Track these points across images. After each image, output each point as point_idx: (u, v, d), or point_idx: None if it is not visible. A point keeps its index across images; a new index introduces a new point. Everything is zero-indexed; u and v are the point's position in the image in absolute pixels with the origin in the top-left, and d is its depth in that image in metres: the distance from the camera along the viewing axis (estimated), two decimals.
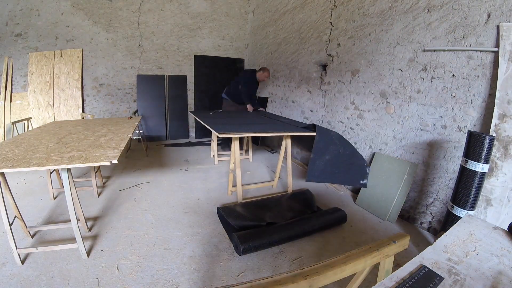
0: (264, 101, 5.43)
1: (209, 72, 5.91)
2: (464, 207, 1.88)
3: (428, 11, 2.33)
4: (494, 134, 1.88)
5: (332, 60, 3.54)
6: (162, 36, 5.42)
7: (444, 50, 2.22)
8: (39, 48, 4.58)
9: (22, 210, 2.07)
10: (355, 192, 3.15)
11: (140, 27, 5.22)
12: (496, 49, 1.88)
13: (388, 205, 2.53)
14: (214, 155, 4.18)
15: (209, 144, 5.04)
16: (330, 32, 3.56)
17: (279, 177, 3.36)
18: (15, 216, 1.91)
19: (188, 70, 5.78)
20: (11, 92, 4.43)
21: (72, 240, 1.87)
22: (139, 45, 5.28)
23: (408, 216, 2.59)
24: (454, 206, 1.92)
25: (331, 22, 3.55)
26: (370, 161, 2.96)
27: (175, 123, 5.71)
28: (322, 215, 2.37)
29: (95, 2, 4.81)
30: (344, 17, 3.30)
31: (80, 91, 4.84)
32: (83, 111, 4.91)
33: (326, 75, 3.69)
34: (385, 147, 2.82)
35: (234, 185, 2.93)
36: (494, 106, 1.90)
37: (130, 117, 3.58)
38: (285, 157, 3.14)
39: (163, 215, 2.49)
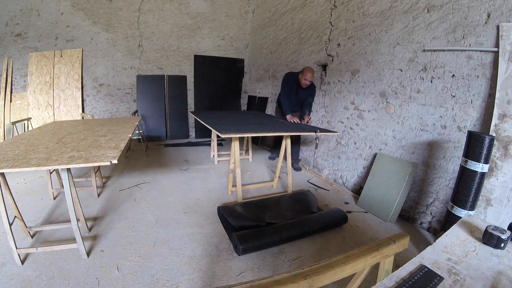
0: (264, 101, 5.43)
1: (209, 72, 5.91)
2: (464, 207, 1.88)
3: (428, 11, 2.33)
4: (494, 134, 1.88)
5: (332, 60, 3.54)
6: (162, 36, 5.42)
7: (444, 50, 2.22)
8: (39, 48, 4.58)
9: (22, 210, 2.07)
10: (357, 193, 3.15)
11: (140, 27, 5.22)
12: (496, 49, 1.88)
13: (390, 206, 2.52)
14: (214, 155, 4.18)
15: (209, 144, 5.04)
16: (330, 32, 3.56)
17: (279, 177, 3.36)
18: (15, 216, 1.91)
19: (188, 70, 5.78)
20: (11, 92, 4.43)
21: (72, 240, 1.87)
22: (139, 45, 5.28)
23: (408, 216, 2.59)
24: (454, 206, 1.92)
25: (331, 22, 3.55)
26: (372, 162, 2.96)
27: (175, 123, 5.71)
28: (323, 216, 2.37)
29: (95, 2, 4.81)
30: (344, 17, 3.30)
31: (80, 91, 4.84)
32: (83, 111, 4.91)
33: (326, 75, 3.69)
34: (385, 147, 2.82)
35: (234, 185, 2.93)
36: (494, 106, 1.90)
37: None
38: (285, 157, 3.14)
39: (163, 215, 2.49)
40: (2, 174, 1.69)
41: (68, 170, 1.74)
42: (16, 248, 1.71)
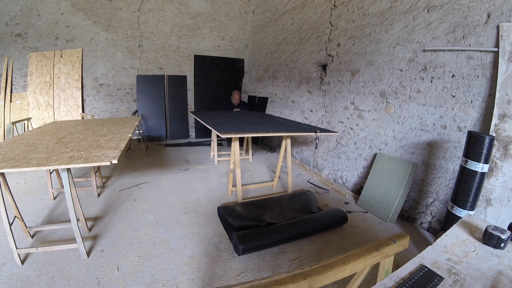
0: (264, 101, 5.43)
1: (209, 72, 5.91)
2: (464, 207, 1.88)
3: (428, 11, 2.33)
4: (494, 134, 1.88)
5: (332, 60, 3.54)
6: (162, 36, 5.42)
7: (444, 50, 2.22)
8: (39, 48, 4.58)
9: (22, 210, 2.07)
10: (357, 193, 3.15)
11: (140, 27, 5.22)
12: (496, 49, 1.88)
13: (390, 206, 2.52)
14: (214, 155, 4.18)
15: (209, 144, 5.04)
16: (330, 32, 3.56)
17: (279, 177, 3.36)
18: (15, 216, 1.91)
19: (188, 70, 5.78)
20: (11, 92, 4.43)
21: (72, 240, 1.87)
22: (139, 45, 5.28)
23: (408, 216, 2.59)
24: (454, 206, 1.92)
25: (331, 22, 3.55)
26: (372, 162, 2.96)
27: (175, 123, 5.71)
28: (323, 216, 2.37)
29: (95, 2, 4.81)
30: (344, 17, 3.30)
31: (80, 91, 4.84)
32: (83, 111, 4.91)
33: (326, 75, 3.69)
34: (385, 147, 2.82)
35: (234, 185, 2.93)
36: (494, 106, 1.90)
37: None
38: (285, 157, 3.14)
39: (163, 215, 2.49)
40: (2, 174, 1.69)
41: (68, 170, 1.74)
42: (16, 248, 1.71)
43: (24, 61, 4.52)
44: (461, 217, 1.43)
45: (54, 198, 2.70)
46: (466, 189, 1.85)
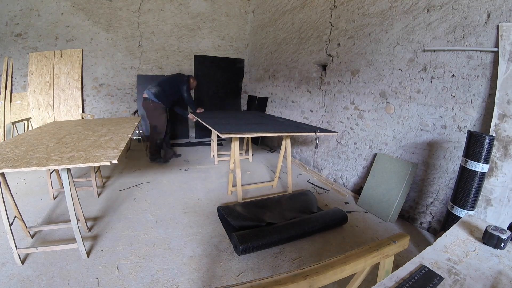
0: (264, 101, 5.43)
1: (209, 72, 5.91)
2: (464, 207, 1.88)
3: (428, 11, 2.33)
4: (494, 134, 1.88)
5: (332, 60, 3.54)
6: (162, 36, 5.42)
7: (444, 50, 2.22)
8: (39, 48, 4.58)
9: (22, 210, 2.07)
10: (357, 193, 3.15)
11: (140, 27, 5.22)
12: (496, 49, 1.88)
13: (390, 206, 2.52)
14: (214, 155, 4.18)
15: (209, 144, 5.04)
16: (330, 32, 3.56)
17: (279, 177, 3.36)
18: (15, 216, 1.91)
19: (188, 70, 5.78)
20: (11, 92, 4.43)
21: (72, 240, 1.87)
22: (139, 45, 5.28)
23: (408, 216, 2.59)
24: (454, 206, 1.92)
25: (331, 22, 3.55)
26: (372, 162, 2.96)
27: (175, 123, 5.70)
28: (323, 216, 2.37)
29: (95, 2, 4.81)
30: (344, 17, 3.30)
31: (80, 91, 4.84)
32: (83, 111, 4.91)
33: (326, 75, 3.69)
34: (385, 147, 2.82)
35: (234, 185, 2.93)
36: (494, 106, 1.90)
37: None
38: (285, 157, 3.14)
39: (163, 215, 2.49)
40: (2, 174, 1.69)
41: (68, 170, 1.74)
42: (16, 248, 1.71)
43: (24, 61, 4.52)
44: (461, 217, 1.43)
45: (54, 198, 2.70)
46: (466, 189, 1.85)
